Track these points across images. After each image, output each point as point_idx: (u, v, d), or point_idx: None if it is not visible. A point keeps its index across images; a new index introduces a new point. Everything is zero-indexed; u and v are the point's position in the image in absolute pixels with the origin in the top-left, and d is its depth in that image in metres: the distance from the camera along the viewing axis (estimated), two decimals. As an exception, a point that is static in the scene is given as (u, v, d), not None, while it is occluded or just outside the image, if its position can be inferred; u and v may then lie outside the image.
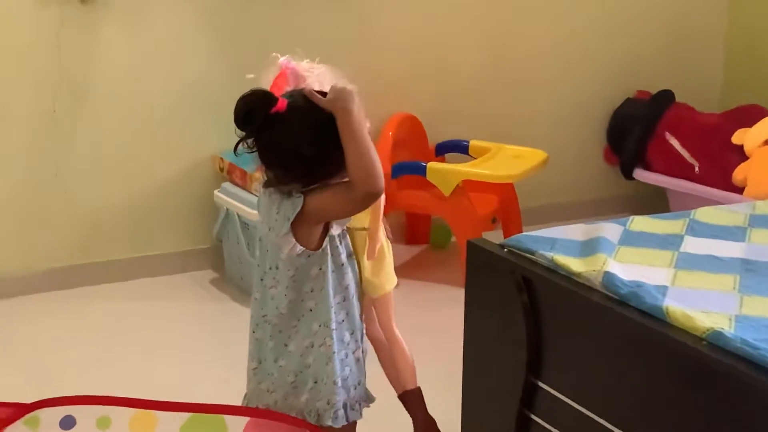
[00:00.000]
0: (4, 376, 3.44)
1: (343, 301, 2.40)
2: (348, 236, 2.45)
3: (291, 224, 2.27)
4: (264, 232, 2.38)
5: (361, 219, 2.57)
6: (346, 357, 2.41)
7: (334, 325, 2.36)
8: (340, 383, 2.38)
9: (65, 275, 4.16)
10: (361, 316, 2.47)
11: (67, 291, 4.14)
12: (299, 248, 2.31)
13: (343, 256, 2.40)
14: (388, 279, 2.71)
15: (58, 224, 4.17)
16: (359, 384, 2.47)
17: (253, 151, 2.27)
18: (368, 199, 2.24)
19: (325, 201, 2.26)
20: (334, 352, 2.36)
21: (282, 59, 2.50)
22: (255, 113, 2.21)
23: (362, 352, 2.49)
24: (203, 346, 3.77)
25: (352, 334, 2.42)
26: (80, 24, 4.03)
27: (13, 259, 4.12)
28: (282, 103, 2.22)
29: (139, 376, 3.46)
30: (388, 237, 2.71)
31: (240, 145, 2.27)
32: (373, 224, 2.62)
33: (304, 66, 2.52)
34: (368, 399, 2.53)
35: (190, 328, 3.93)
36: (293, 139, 2.23)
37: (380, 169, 2.22)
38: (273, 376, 2.40)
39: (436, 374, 3.36)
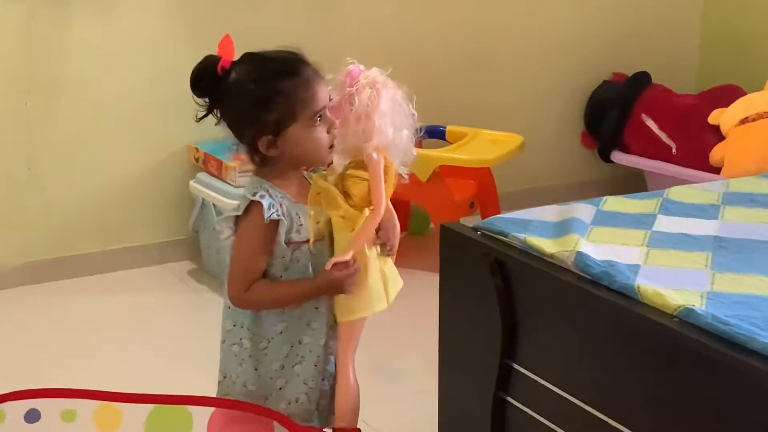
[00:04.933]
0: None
1: (282, 312, 2.18)
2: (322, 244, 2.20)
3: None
4: None
5: (350, 219, 2.18)
6: (282, 368, 2.19)
7: (254, 329, 2.18)
8: (252, 388, 2.20)
9: (40, 269, 4.13)
10: (333, 333, 2.22)
11: (43, 285, 4.10)
12: (233, 240, 2.18)
13: (296, 267, 2.17)
14: (360, 306, 2.20)
15: (32, 219, 4.14)
16: (298, 401, 2.22)
17: (219, 121, 2.17)
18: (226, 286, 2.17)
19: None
20: (249, 356, 2.18)
21: (353, 66, 2.19)
22: (201, 75, 2.13)
23: (319, 371, 2.23)
24: (181, 338, 3.75)
25: (292, 347, 2.19)
26: (51, 15, 4.00)
27: (-12, 254, 4.09)
28: (226, 60, 2.12)
29: (117, 369, 3.43)
30: (385, 253, 2.23)
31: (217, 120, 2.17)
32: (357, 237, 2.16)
33: (375, 76, 2.19)
34: (313, 420, 2.26)
35: (168, 320, 3.91)
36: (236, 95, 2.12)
37: (263, 306, 2.16)
38: None
39: (415, 360, 3.36)
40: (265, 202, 2.10)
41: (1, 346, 3.66)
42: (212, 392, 2.31)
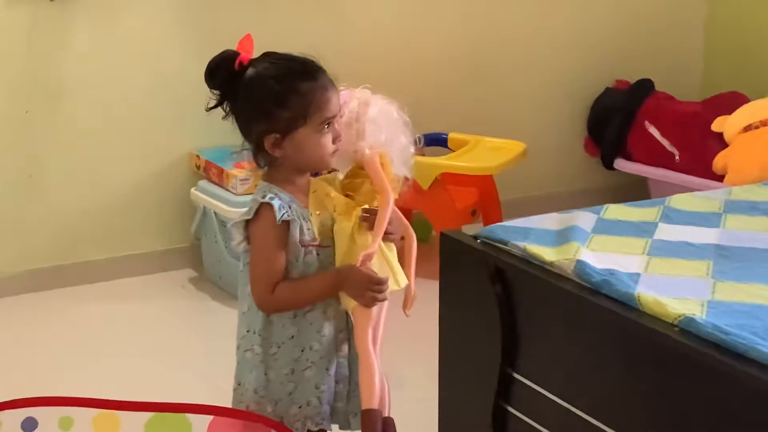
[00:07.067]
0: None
1: (294, 317, 2.20)
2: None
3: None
4: None
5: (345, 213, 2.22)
6: (292, 373, 2.21)
7: (265, 335, 2.20)
8: (262, 394, 2.21)
9: (41, 277, 4.12)
10: (342, 336, 2.26)
11: (44, 293, 4.10)
12: (245, 245, 2.20)
13: (309, 271, 2.20)
14: None
15: (33, 226, 4.13)
16: (310, 404, 2.24)
17: (227, 115, 2.19)
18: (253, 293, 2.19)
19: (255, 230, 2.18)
20: (260, 361, 2.20)
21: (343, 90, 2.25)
22: (218, 66, 2.15)
23: (330, 375, 2.25)
24: (182, 346, 3.74)
25: (303, 351, 2.21)
26: (51, 22, 4.00)
27: (-12, 261, 4.08)
28: (244, 57, 2.15)
29: (118, 377, 3.42)
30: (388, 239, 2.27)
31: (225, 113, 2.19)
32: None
33: (360, 92, 2.25)
34: (326, 423, 2.28)
35: (169, 327, 3.90)
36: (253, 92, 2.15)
37: (289, 306, 2.18)
38: None
39: (415, 368, 3.34)
40: (275, 203, 2.13)
41: (2, 353, 3.65)
42: (213, 398, 2.30)
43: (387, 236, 2.24)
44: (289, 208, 2.15)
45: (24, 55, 4.00)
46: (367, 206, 2.21)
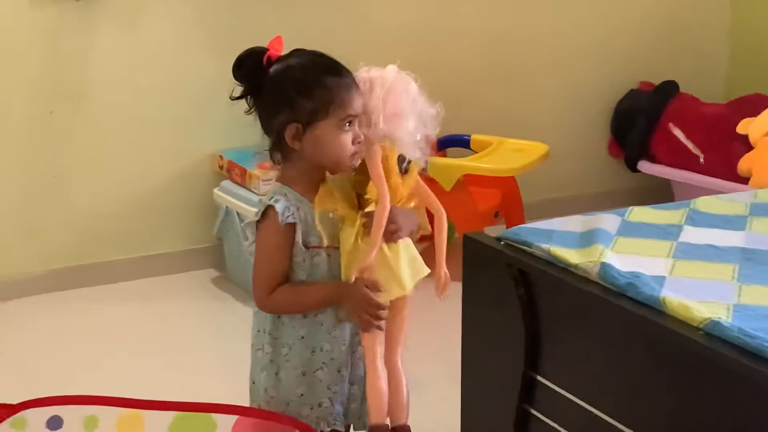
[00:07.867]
0: (1, 379, 3.42)
1: (304, 317, 2.19)
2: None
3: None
4: None
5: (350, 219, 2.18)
6: (303, 375, 2.20)
7: (275, 335, 2.20)
8: (273, 394, 2.22)
9: (64, 277, 4.13)
10: (359, 338, 2.23)
11: (67, 293, 4.10)
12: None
13: (317, 272, 2.19)
14: None
15: (56, 226, 4.14)
16: (322, 406, 2.22)
17: (251, 109, 2.19)
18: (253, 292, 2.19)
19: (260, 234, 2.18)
20: (270, 361, 2.20)
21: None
22: (246, 60, 2.16)
23: (343, 376, 2.24)
24: (205, 346, 3.74)
25: (314, 352, 2.20)
26: (76, 24, 4.01)
27: (12, 261, 4.09)
28: (273, 53, 2.16)
29: (139, 377, 3.43)
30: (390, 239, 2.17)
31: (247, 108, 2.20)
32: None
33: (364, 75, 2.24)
34: (339, 424, 2.26)
35: (192, 328, 3.90)
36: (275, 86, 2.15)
37: (286, 310, 2.17)
38: None
39: (437, 370, 3.34)
40: (279, 206, 2.12)
41: (24, 352, 3.67)
42: (234, 400, 2.30)
43: (392, 236, 2.17)
44: (297, 209, 2.15)
45: (48, 55, 4.01)
46: (373, 207, 2.16)
